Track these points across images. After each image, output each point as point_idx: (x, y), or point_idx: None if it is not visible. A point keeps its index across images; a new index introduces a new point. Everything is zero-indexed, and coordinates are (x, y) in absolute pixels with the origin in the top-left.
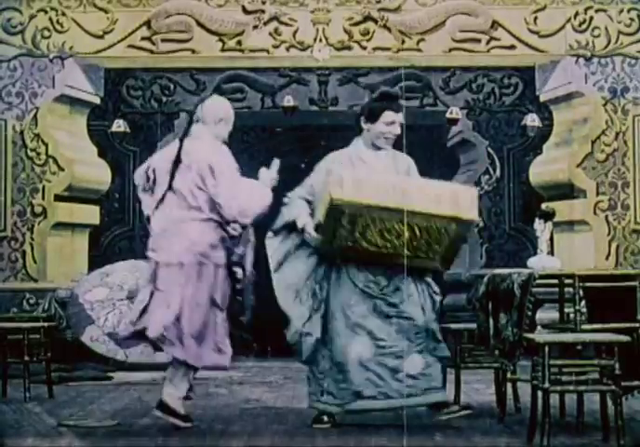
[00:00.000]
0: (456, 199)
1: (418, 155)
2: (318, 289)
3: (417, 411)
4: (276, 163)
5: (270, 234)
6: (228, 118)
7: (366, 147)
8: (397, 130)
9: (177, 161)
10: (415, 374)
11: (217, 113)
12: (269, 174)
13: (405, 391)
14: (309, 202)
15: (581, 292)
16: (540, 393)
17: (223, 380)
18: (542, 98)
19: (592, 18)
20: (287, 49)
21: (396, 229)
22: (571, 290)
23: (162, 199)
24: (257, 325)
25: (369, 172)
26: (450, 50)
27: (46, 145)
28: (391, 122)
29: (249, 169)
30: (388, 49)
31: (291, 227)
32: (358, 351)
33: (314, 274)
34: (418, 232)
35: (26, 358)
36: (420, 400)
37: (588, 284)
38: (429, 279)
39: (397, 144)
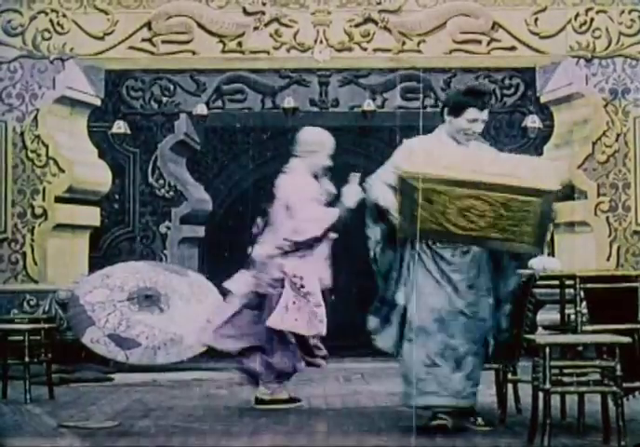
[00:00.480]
0: (534, 170)
1: None
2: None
3: (418, 411)
4: (355, 176)
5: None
6: (322, 148)
7: (448, 137)
8: (479, 128)
9: (272, 196)
10: (468, 376)
11: (309, 145)
12: (350, 189)
13: (464, 392)
14: (392, 187)
15: (582, 294)
16: (540, 394)
17: (224, 381)
18: (543, 99)
19: (592, 19)
20: (288, 51)
21: (477, 208)
22: (572, 291)
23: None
24: None
25: (440, 144)
26: (451, 52)
27: (47, 147)
28: (473, 119)
29: (250, 171)
30: (388, 51)
31: (377, 215)
32: (428, 345)
33: (395, 261)
34: (500, 209)
35: (27, 359)
36: (466, 403)
37: (589, 285)
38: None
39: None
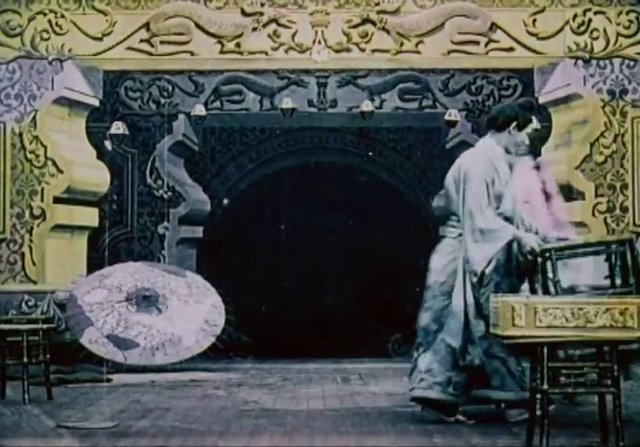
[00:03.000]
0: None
1: (417, 157)
2: None
3: (417, 412)
4: None
5: None
6: None
7: (501, 148)
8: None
9: None
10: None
11: None
12: None
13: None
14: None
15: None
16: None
17: (222, 382)
18: (541, 100)
19: (590, 20)
20: (286, 52)
21: None
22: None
23: None
24: (256, 327)
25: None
26: (449, 52)
27: (45, 147)
28: (530, 132)
29: (248, 171)
30: (387, 52)
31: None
32: None
33: None
34: None
35: (25, 359)
36: None
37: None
38: None
39: (398, 146)
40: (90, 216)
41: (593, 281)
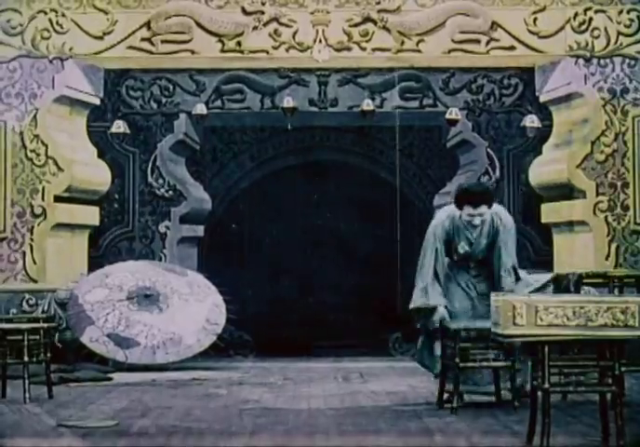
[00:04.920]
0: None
1: (418, 156)
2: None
3: (417, 411)
4: None
5: None
6: None
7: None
8: (477, 222)
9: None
10: None
11: None
12: None
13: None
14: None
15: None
16: (540, 393)
17: (223, 381)
18: (542, 99)
19: (591, 19)
20: (287, 50)
21: None
22: None
23: None
24: (257, 326)
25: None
26: (450, 51)
27: (46, 146)
28: (469, 214)
29: (249, 170)
30: (387, 50)
31: None
32: None
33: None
34: None
35: (26, 358)
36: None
37: None
38: None
39: (399, 145)
40: (91, 215)
41: None
